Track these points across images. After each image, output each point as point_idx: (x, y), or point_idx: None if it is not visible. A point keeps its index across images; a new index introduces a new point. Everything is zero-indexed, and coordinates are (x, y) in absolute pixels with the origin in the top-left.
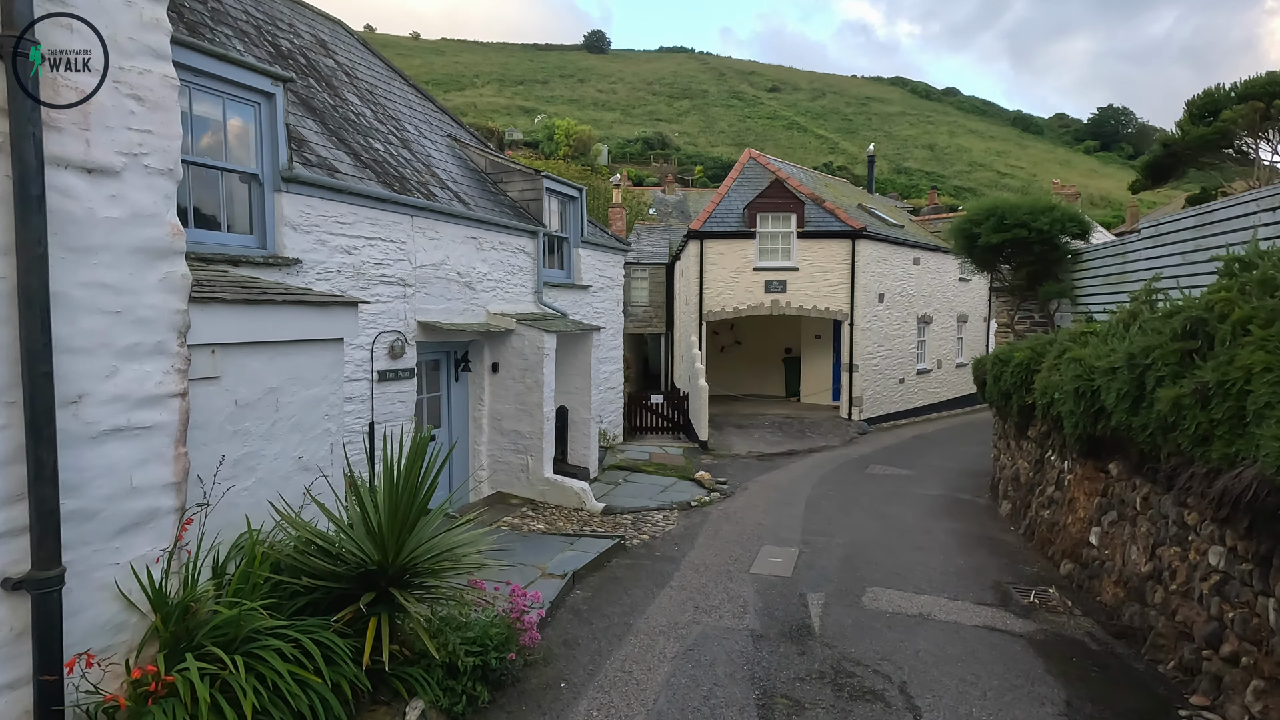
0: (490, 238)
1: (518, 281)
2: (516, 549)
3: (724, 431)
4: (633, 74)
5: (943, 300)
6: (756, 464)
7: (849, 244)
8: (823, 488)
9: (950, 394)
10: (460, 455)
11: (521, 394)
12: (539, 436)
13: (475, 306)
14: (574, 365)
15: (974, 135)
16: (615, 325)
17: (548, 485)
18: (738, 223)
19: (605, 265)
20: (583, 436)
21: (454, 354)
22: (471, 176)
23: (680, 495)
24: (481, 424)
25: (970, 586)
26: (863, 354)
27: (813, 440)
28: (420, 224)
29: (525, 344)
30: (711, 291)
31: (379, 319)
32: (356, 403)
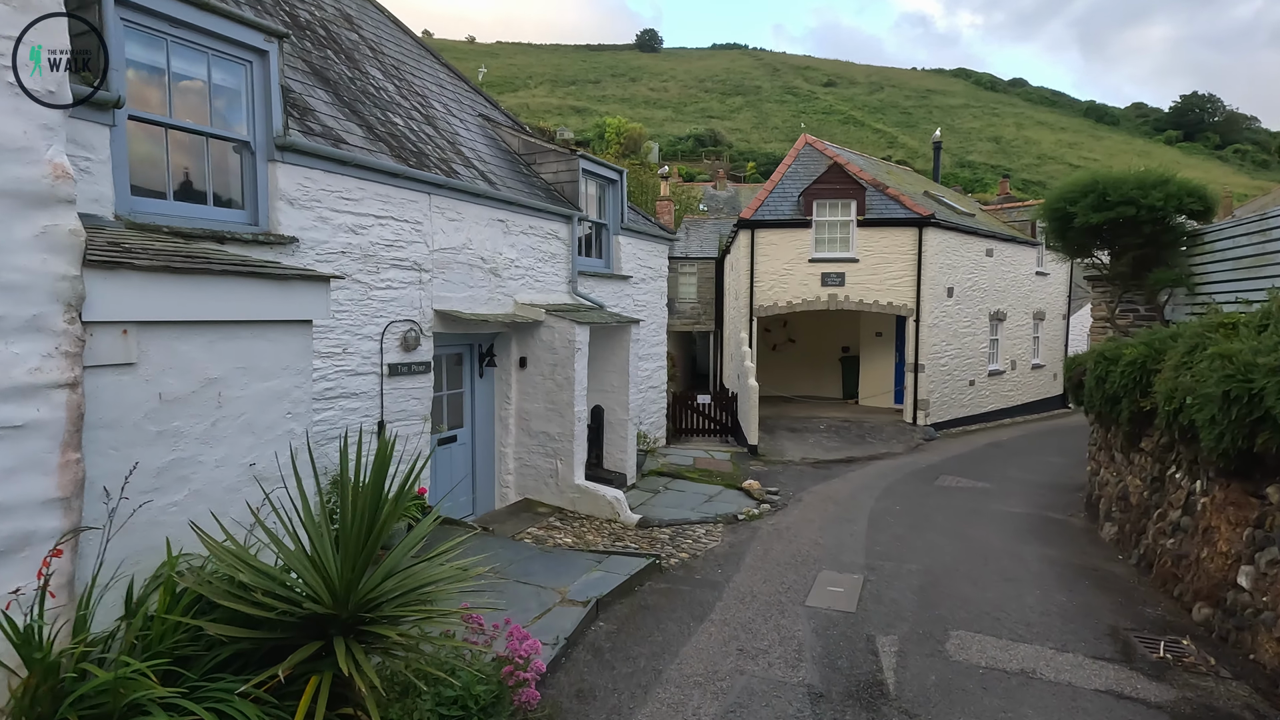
0: (519, 221)
1: (549, 269)
2: (536, 568)
3: (775, 435)
4: (685, 72)
5: (1018, 295)
6: (811, 472)
7: (915, 233)
8: (887, 501)
9: (1025, 397)
10: (484, 458)
11: (551, 392)
12: (569, 439)
13: (501, 295)
14: (610, 361)
15: (1043, 127)
16: (658, 319)
17: (578, 493)
18: (792, 211)
19: (647, 255)
20: (619, 439)
21: (478, 347)
22: (502, 156)
23: (726, 507)
24: (508, 424)
25: (1081, 633)
26: (929, 353)
27: (873, 446)
28: (439, 203)
29: (555, 337)
30: (763, 285)
31: (390, 307)
32: (364, 399)
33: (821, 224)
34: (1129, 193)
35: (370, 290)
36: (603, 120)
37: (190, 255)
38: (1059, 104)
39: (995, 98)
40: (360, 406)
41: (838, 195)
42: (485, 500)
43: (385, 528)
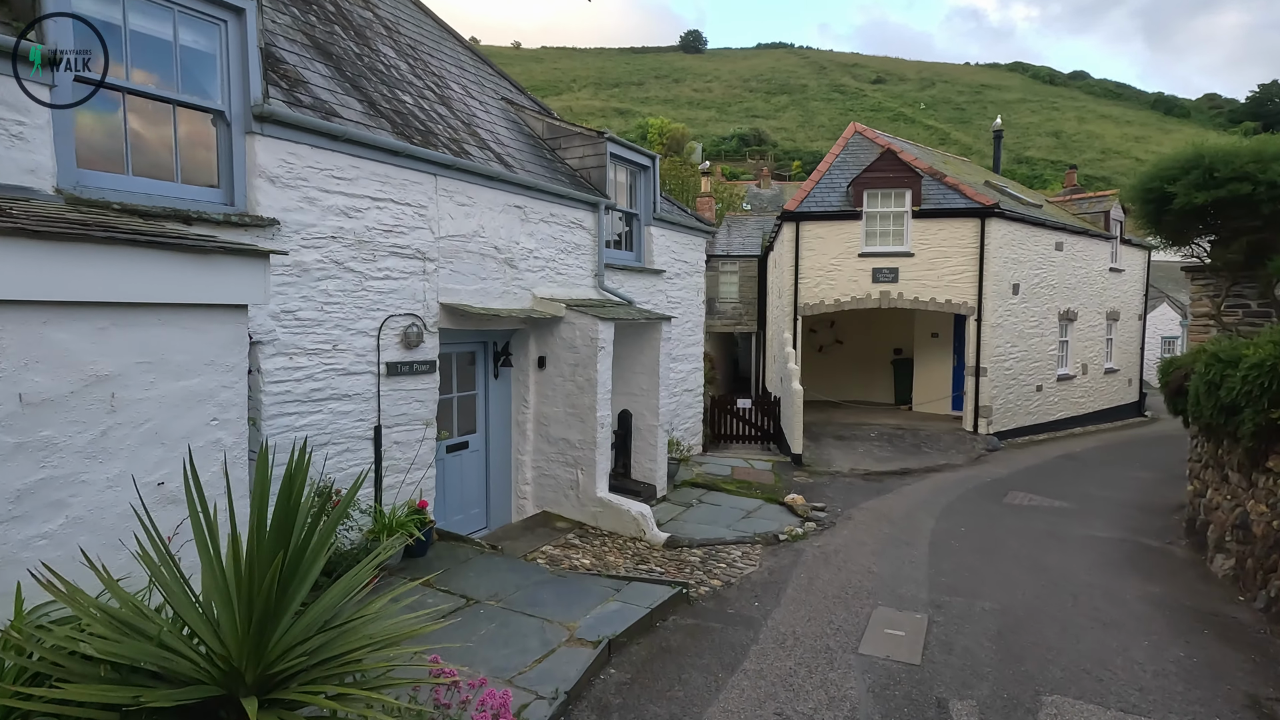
0: (538, 208)
1: (573, 261)
2: (545, 596)
3: (821, 444)
4: (729, 72)
5: (1090, 293)
6: (861, 485)
7: (977, 224)
8: (950, 521)
9: (1097, 405)
10: (499, 467)
11: (571, 394)
12: (591, 447)
13: (518, 288)
14: (639, 362)
15: (1107, 120)
16: (694, 317)
17: (600, 507)
18: (840, 201)
19: (682, 248)
20: (648, 447)
21: (492, 346)
22: (524, 140)
23: (766, 524)
24: (525, 429)
25: (1211, 702)
26: (992, 355)
27: (930, 457)
28: (447, 185)
29: (576, 334)
30: (808, 281)
31: (389, 299)
32: (357, 401)
33: (873, 215)
34: (1243, 167)
35: (365, 280)
36: (645, 121)
37: (54, 217)
38: (1124, 96)
39: (1054, 91)
40: (353, 409)
41: (891, 184)
42: (500, 513)
43: (304, 566)
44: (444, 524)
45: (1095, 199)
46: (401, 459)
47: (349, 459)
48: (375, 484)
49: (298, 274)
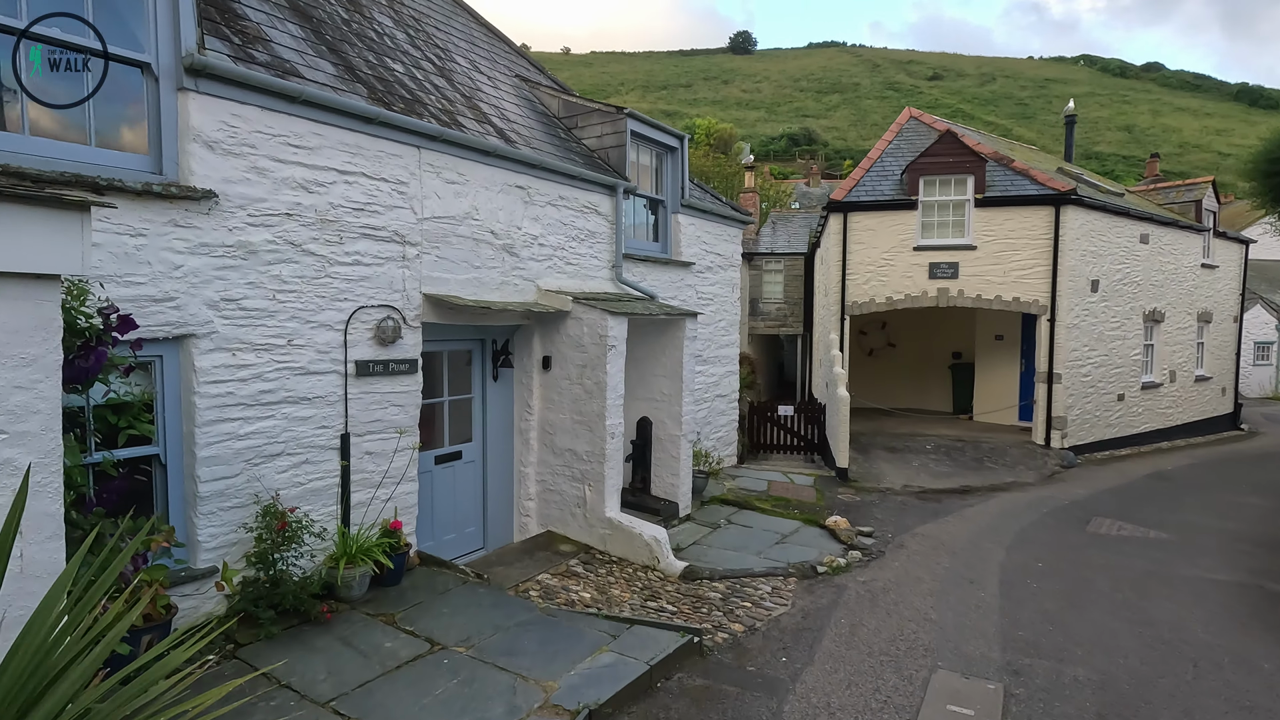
0: (545, 189)
1: (586, 251)
2: (527, 642)
3: (870, 456)
4: (779, 72)
5: (1178, 292)
6: (916, 505)
7: (1050, 213)
8: (1024, 554)
9: (1186, 416)
10: (499, 480)
11: (579, 400)
12: (599, 460)
13: (519, 279)
14: (660, 364)
15: (1185, 113)
16: (728, 315)
17: (609, 529)
18: (893, 190)
19: (715, 239)
20: (670, 459)
21: (491, 344)
22: (536, 118)
23: (802, 552)
24: (529, 438)
25: None
26: (1068, 360)
27: (995, 474)
28: (433, 160)
29: (584, 331)
30: (857, 278)
31: (359, 288)
32: (320, 406)
33: (930, 204)
34: None
35: (330, 266)
36: (692, 122)
37: None
38: (1203, 88)
39: (1125, 84)
40: (314, 415)
41: (951, 169)
42: (500, 532)
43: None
44: (431, 545)
45: (1184, 187)
46: (375, 472)
47: (308, 472)
48: (341, 500)
49: (243, 256)
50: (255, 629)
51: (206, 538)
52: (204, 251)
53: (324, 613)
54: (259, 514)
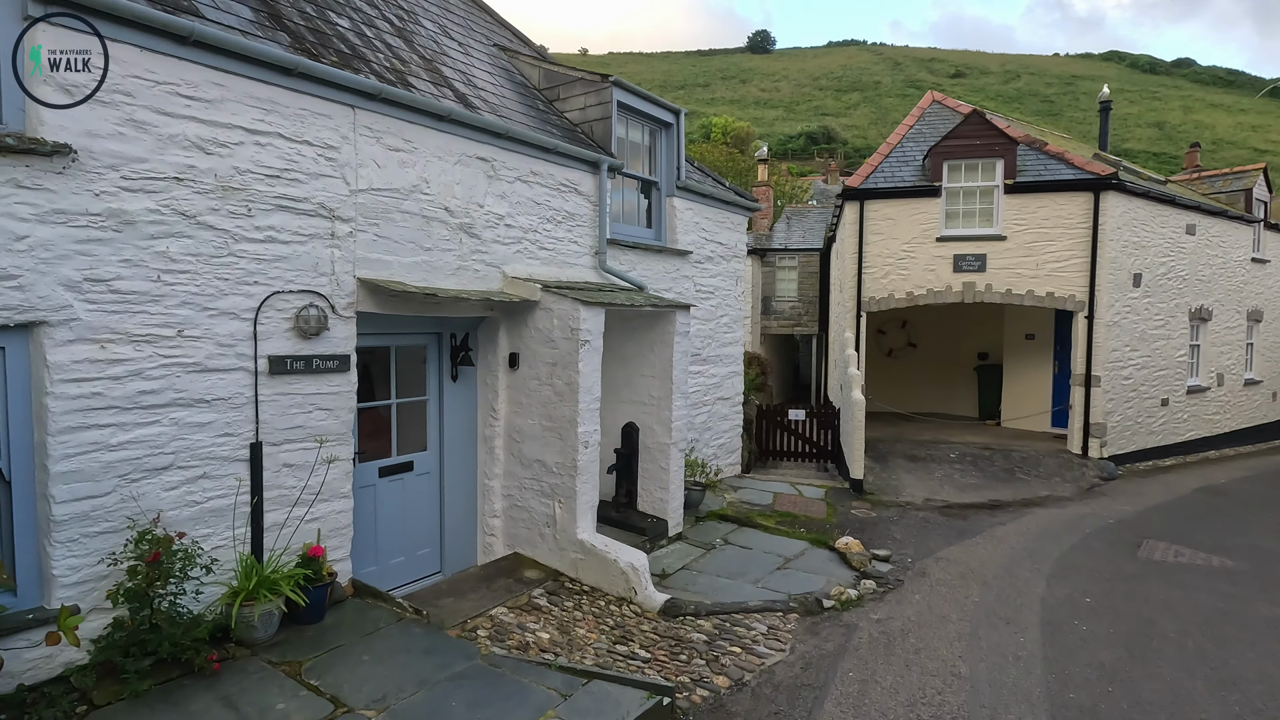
0: (514, 163)
1: (564, 234)
2: (455, 703)
3: (888, 465)
4: (798, 71)
5: (1226, 288)
6: (939, 523)
7: (1088, 199)
8: (1068, 585)
9: (1234, 423)
10: (459, 494)
11: (549, 403)
12: (570, 473)
13: (480, 264)
14: (648, 363)
15: (1218, 110)
16: (731, 311)
17: (582, 553)
18: (915, 176)
19: (716, 226)
20: (658, 470)
21: (450, 338)
22: (512, 87)
23: (807, 581)
24: (494, 447)
25: None
26: (1108, 361)
27: (1028, 486)
28: (372, 123)
29: (553, 323)
30: (874, 271)
31: (274, 270)
32: (221, 410)
33: (955, 192)
34: None
35: (235, 242)
36: (709, 120)
37: None
38: (1236, 84)
39: (1155, 80)
40: (214, 420)
41: (978, 153)
42: (461, 553)
43: None
44: (373, 572)
45: (1233, 175)
46: (295, 488)
47: (205, 489)
48: (251, 523)
49: (115, 227)
50: (120, 685)
51: (64, 571)
52: (59, 220)
53: (212, 662)
54: (134, 540)
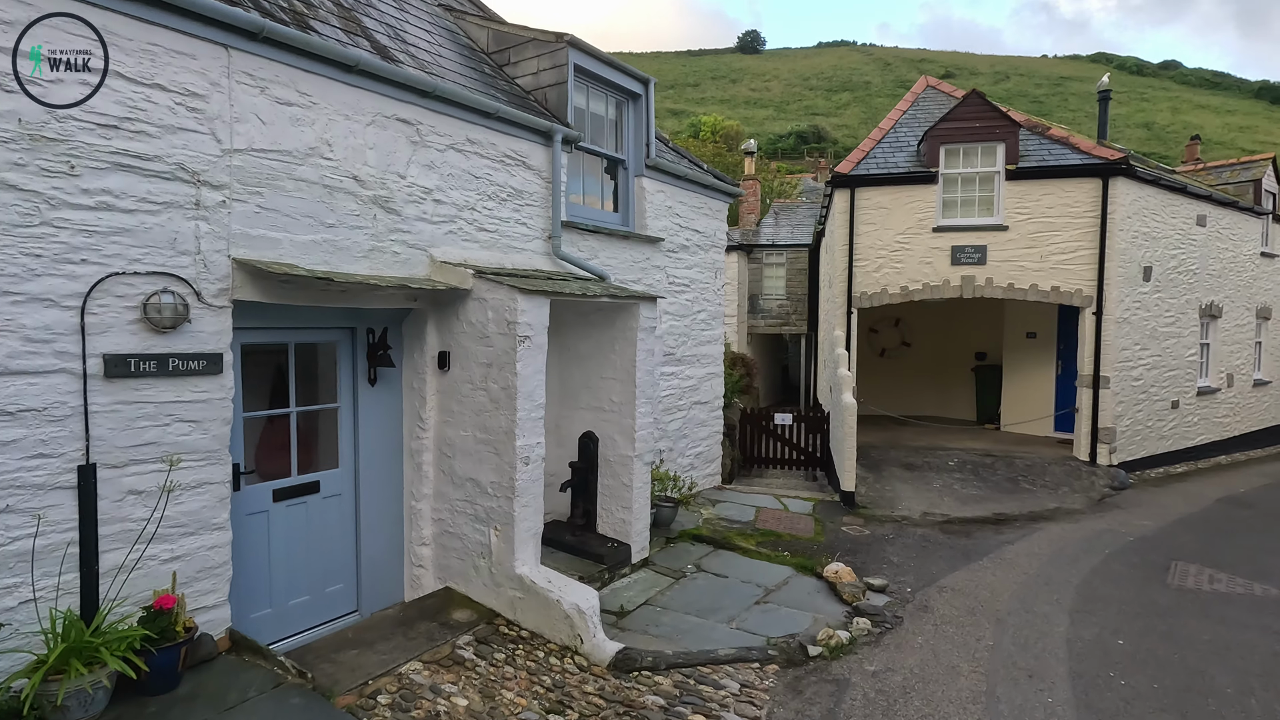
0: (445, 128)
1: (509, 214)
2: None
3: (883, 474)
4: (788, 71)
5: (1236, 283)
6: (941, 542)
7: (1096, 186)
8: (1095, 622)
9: (1245, 426)
10: (380, 519)
11: (483, 410)
12: (507, 494)
13: (401, 245)
14: (608, 363)
15: (1206, 111)
16: (710, 306)
17: (521, 591)
18: (909, 162)
19: (693, 212)
20: (620, 487)
21: (367, 334)
22: (456, 49)
23: (790, 619)
24: (422, 463)
25: None
26: (1117, 360)
27: (1035, 497)
28: (252, 67)
29: (488, 316)
30: (866, 264)
31: (112, 245)
32: (37, 424)
33: (952, 178)
34: None
35: (50, 208)
36: (698, 119)
37: None
38: (1223, 85)
39: (1143, 82)
40: (24, 437)
41: (977, 136)
42: (384, 587)
43: None
44: (264, 616)
45: (1240, 166)
46: (146, 520)
47: (13, 527)
48: (80, 566)
49: None
50: None
51: None
52: None
53: None
54: None
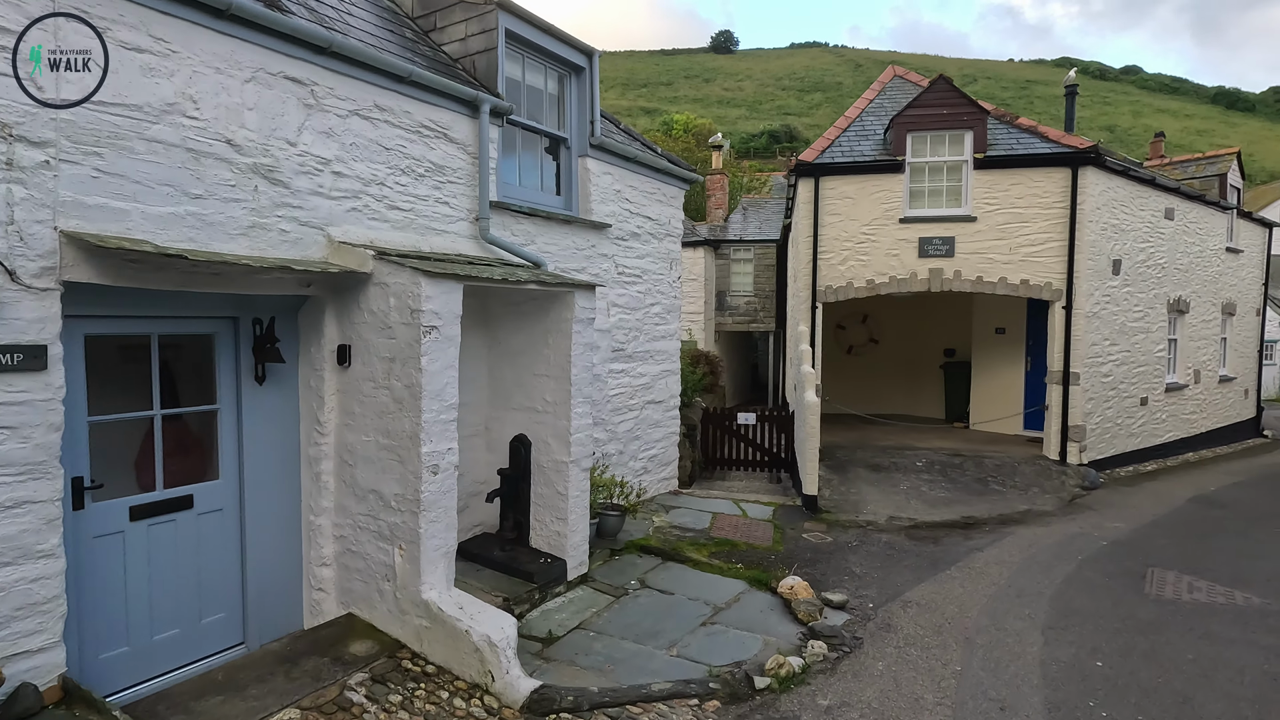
0: (347, 91)
1: (428, 191)
2: None
3: (848, 476)
4: (761, 71)
5: (1202, 278)
6: (907, 550)
7: (1066, 175)
8: (1071, 640)
9: (1211, 422)
10: (276, 536)
11: (386, 412)
12: (413, 508)
13: (290, 223)
14: (541, 359)
15: (1165, 115)
16: (665, 299)
17: (427, 618)
18: (876, 150)
19: (644, 198)
20: (555, 496)
21: (253, 325)
22: (372, 8)
23: (738, 643)
24: (321, 472)
25: None
26: (1087, 356)
27: (1005, 499)
28: (88, 4)
29: (389, 304)
30: (831, 257)
31: None
32: None
33: (920, 168)
34: None
35: None
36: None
37: None
38: (1181, 90)
39: (1106, 86)
40: None
41: (945, 123)
42: (278, 615)
43: None
44: (121, 654)
45: (1206, 160)
46: None
47: None
48: None
49: None
50: None
51: None
52: None
53: None
54: None
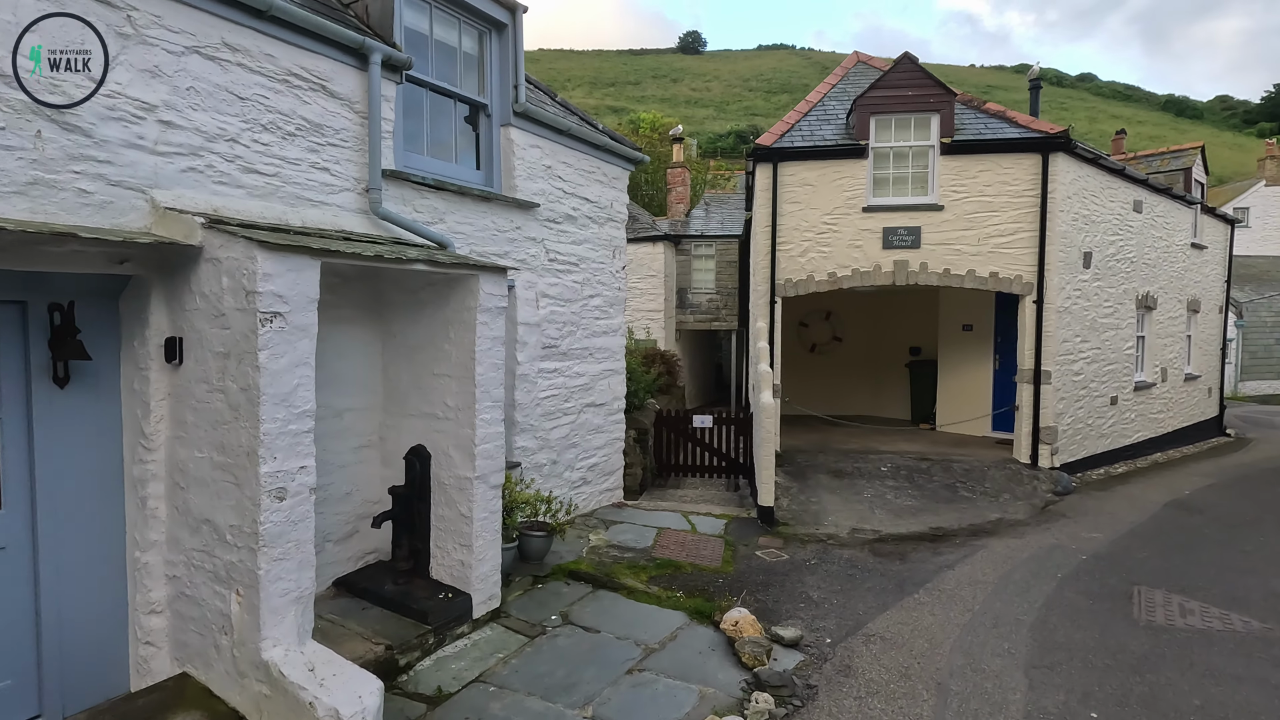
0: (181, 23)
1: (299, 154)
2: None
3: (808, 483)
4: (729, 72)
5: (1170, 274)
6: (871, 568)
7: (1036, 162)
8: (1058, 684)
9: (1177, 421)
10: (88, 578)
11: (221, 421)
12: (250, 542)
13: (96, 181)
14: (441, 355)
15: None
16: (606, 290)
17: (267, 685)
18: (838, 135)
19: (581, 177)
20: (458, 518)
21: (51, 312)
22: None
23: (666, 699)
24: (147, 497)
25: None
26: (1058, 353)
27: (975, 507)
28: None
29: (222, 285)
30: (791, 248)
31: None
32: None
33: (884, 153)
34: None
35: None
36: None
37: None
38: (1134, 98)
39: (1063, 93)
40: None
41: (911, 105)
42: (91, 677)
43: None
44: None
45: (1170, 155)
46: None
47: None
48: None
49: None
50: None
51: None
52: None
53: None
54: None
